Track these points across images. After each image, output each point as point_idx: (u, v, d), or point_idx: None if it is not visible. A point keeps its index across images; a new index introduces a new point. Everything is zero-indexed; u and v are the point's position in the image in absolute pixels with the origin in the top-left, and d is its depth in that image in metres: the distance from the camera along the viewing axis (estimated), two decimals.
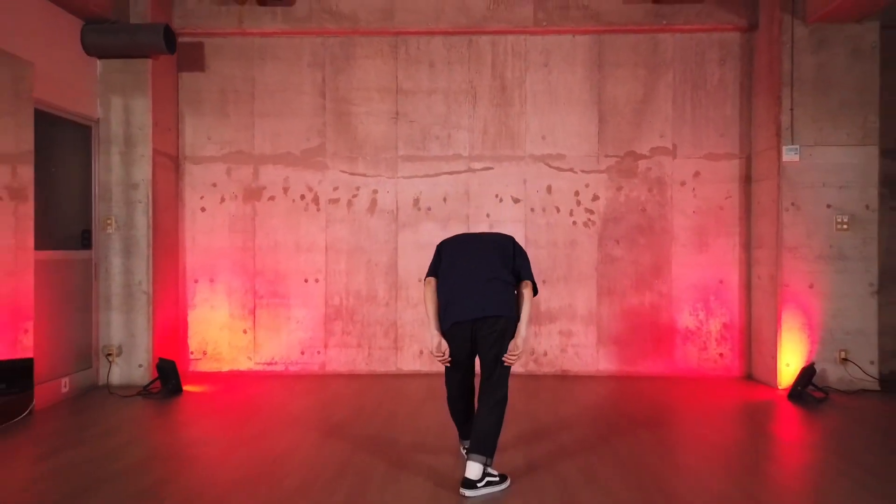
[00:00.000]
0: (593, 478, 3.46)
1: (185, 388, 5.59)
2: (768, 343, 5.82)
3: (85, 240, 5.60)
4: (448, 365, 3.52)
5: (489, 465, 3.30)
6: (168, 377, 5.41)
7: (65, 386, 5.23)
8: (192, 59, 6.27)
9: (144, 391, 5.43)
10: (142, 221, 5.71)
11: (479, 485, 3.22)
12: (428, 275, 3.64)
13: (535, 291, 3.59)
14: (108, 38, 5.49)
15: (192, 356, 6.29)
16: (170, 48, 5.60)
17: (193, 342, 6.29)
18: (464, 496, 3.19)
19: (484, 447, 3.28)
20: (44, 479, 3.47)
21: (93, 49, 5.53)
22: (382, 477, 3.47)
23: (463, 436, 3.76)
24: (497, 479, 3.31)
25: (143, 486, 3.34)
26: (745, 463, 3.76)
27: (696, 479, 3.49)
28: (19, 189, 4.62)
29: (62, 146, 5.41)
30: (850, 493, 3.25)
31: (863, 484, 3.37)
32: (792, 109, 5.61)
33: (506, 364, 3.39)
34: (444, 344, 3.46)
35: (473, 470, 3.23)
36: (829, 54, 5.60)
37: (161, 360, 5.49)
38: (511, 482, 3.37)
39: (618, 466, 3.66)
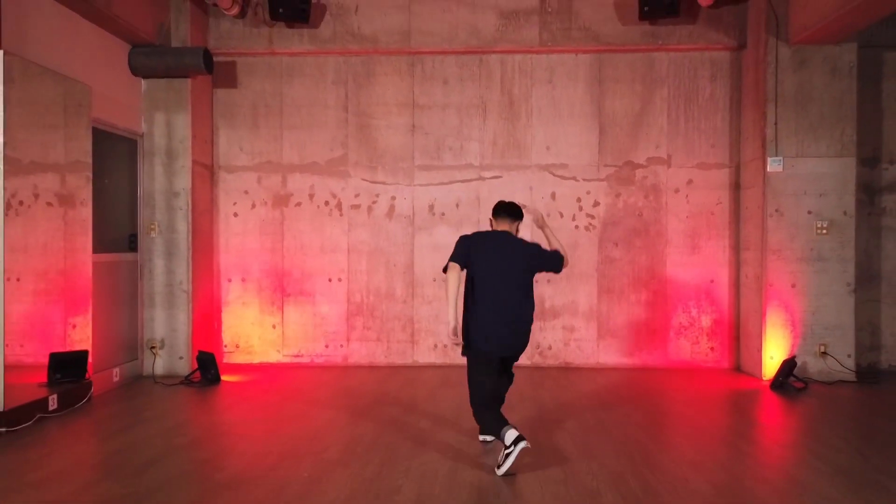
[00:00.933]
0: (589, 452, 4.00)
1: (223, 377, 6.15)
2: (754, 337, 6.33)
3: (132, 243, 6.17)
4: (475, 366, 3.88)
5: (503, 440, 3.64)
6: (207, 368, 5.97)
7: (116, 375, 5.80)
8: (227, 77, 6.82)
9: (186, 380, 6.00)
10: (182, 226, 6.27)
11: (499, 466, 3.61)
12: (453, 259, 3.78)
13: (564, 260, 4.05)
14: (153, 60, 6.05)
15: (225, 349, 6.85)
16: (208, 68, 6.15)
17: (227, 336, 6.86)
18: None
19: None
20: (119, 452, 4.03)
21: (139, 70, 6.09)
22: (409, 451, 4.02)
23: (483, 430, 4.07)
24: (511, 448, 3.57)
25: (205, 457, 3.91)
26: (724, 441, 4.30)
27: (678, 452, 4.03)
28: (79, 197, 5.18)
29: (112, 159, 5.97)
30: (821, 472, 3.73)
31: (834, 463, 3.84)
32: (776, 123, 6.11)
33: None
34: (460, 329, 3.81)
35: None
36: (810, 73, 6.10)
37: (201, 352, 6.05)
38: (526, 441, 3.62)
39: (610, 443, 4.20)
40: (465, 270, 3.89)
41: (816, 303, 6.10)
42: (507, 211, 4.07)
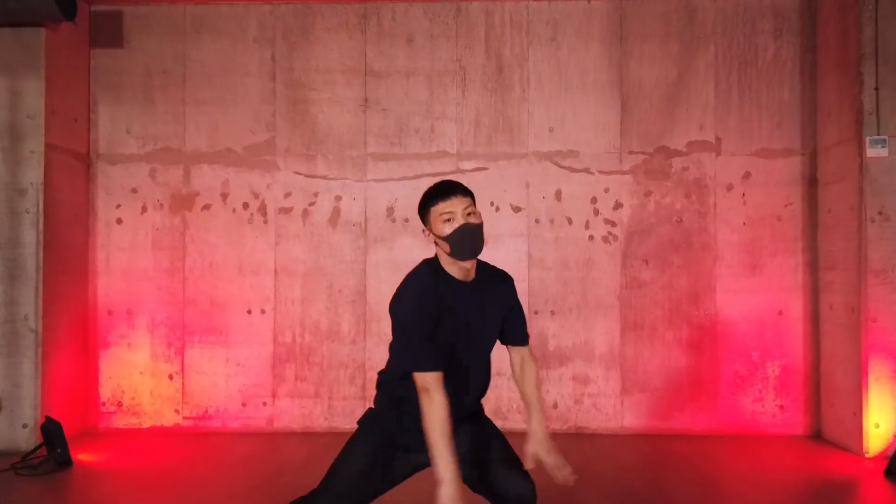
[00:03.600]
0: None
1: (81, 455, 4.30)
2: (845, 394, 4.51)
3: None
4: None
5: None
6: (53, 444, 4.12)
7: None
8: (110, 33, 5.09)
9: (23, 462, 4.12)
10: (29, 237, 4.45)
11: None
12: (424, 368, 2.23)
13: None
14: None
15: (104, 408, 5.02)
16: (67, 14, 4.39)
17: (106, 390, 5.02)
18: None
19: None
20: None
21: None
22: None
23: None
24: None
25: None
26: None
27: None
28: None
29: None
30: None
31: None
32: (877, 89, 4.35)
33: None
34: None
35: None
36: None
37: (47, 420, 4.22)
38: None
39: None
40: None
41: None
42: (454, 189, 2.35)
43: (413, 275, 2.40)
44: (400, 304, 2.34)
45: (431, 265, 2.39)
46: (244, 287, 5.05)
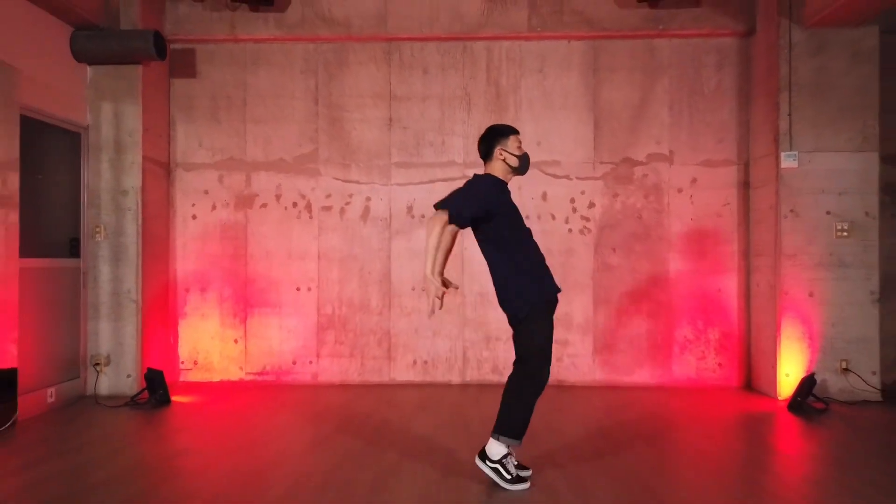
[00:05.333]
0: (584, 491, 3.36)
1: (174, 398, 5.50)
2: (768, 353, 5.71)
3: (73, 248, 5.53)
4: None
5: (510, 454, 3.36)
6: (156, 387, 5.32)
7: (51, 396, 5.14)
8: (184, 65, 6.21)
9: (132, 401, 5.34)
10: (131, 229, 5.64)
11: (487, 462, 3.34)
12: (458, 219, 3.22)
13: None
14: (97, 44, 5.44)
15: (182, 366, 6.20)
16: (160, 54, 5.54)
17: (184, 351, 6.21)
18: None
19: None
20: (24, 490, 3.37)
21: (82, 55, 5.48)
22: (364, 494, 3.36)
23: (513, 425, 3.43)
24: (508, 477, 3.32)
25: (122, 498, 3.25)
26: (742, 476, 3.66)
27: (692, 493, 3.39)
28: (7, 196, 4.54)
29: (50, 153, 5.35)
30: None
31: (864, 497, 3.25)
32: (790, 115, 5.52)
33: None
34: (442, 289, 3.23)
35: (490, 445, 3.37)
36: (828, 58, 5.51)
37: (149, 370, 5.40)
38: (527, 486, 3.36)
39: (608, 480, 3.55)
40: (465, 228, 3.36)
41: (837, 313, 5.48)
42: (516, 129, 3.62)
43: (488, 175, 3.48)
44: (480, 182, 3.42)
45: (491, 176, 3.48)
46: (293, 270, 6.20)
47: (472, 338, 6.15)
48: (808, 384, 5.22)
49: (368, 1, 6.05)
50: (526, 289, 3.39)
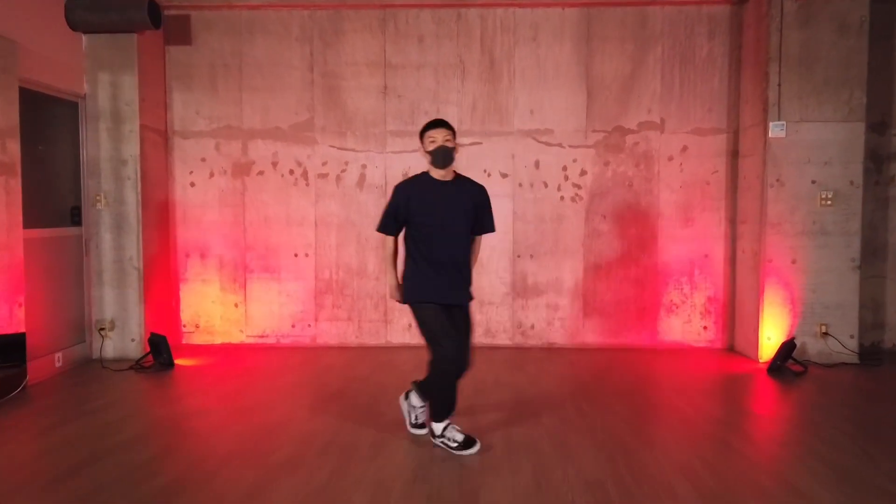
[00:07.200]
0: (567, 452, 3.58)
1: (178, 361, 5.70)
2: (750, 317, 5.92)
3: (75, 216, 5.65)
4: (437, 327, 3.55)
5: (449, 425, 3.64)
6: (160, 351, 5.52)
7: (58, 360, 5.34)
8: (180, 33, 6.23)
9: (137, 365, 5.54)
10: (131, 197, 5.75)
11: (435, 437, 3.65)
12: (384, 230, 3.63)
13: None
14: (92, 14, 5.45)
15: (184, 329, 6.40)
16: (155, 23, 5.57)
17: (186, 315, 6.39)
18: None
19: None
20: (44, 454, 3.58)
21: (78, 25, 5.50)
22: (367, 454, 3.58)
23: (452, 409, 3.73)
24: (455, 444, 3.56)
25: (140, 460, 3.46)
26: (716, 438, 3.89)
27: (665, 451, 3.62)
28: (9, 165, 4.64)
29: (49, 123, 5.42)
30: (814, 469, 3.36)
31: (836, 465, 3.46)
32: (780, 85, 5.61)
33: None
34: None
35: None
36: (817, 29, 5.57)
37: (153, 334, 5.59)
38: (477, 448, 3.56)
39: (591, 440, 3.78)
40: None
41: (817, 280, 5.68)
42: (440, 123, 3.63)
43: (398, 185, 3.70)
44: (392, 194, 3.67)
45: (422, 173, 3.69)
46: (292, 235, 6.35)
47: None
48: (788, 348, 5.44)
49: None
50: (411, 283, 3.64)
